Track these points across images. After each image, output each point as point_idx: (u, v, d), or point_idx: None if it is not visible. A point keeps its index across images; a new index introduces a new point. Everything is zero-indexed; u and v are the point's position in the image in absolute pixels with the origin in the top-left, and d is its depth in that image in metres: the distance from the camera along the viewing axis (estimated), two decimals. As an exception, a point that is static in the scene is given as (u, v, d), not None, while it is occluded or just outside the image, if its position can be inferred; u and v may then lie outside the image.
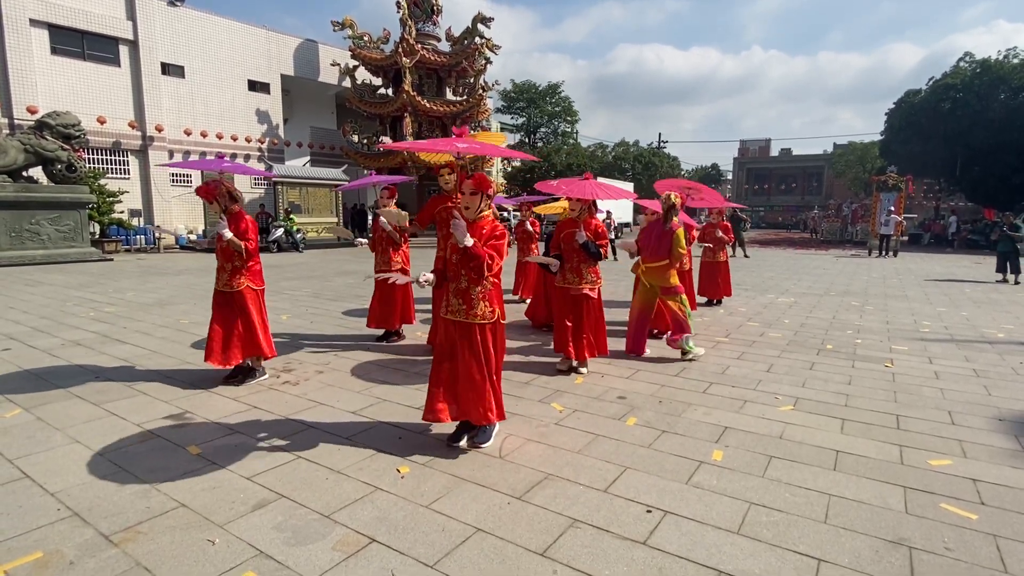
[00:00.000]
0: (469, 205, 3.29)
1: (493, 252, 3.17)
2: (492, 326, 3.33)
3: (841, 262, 17.26)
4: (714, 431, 3.65)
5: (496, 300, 3.34)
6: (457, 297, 3.29)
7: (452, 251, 3.26)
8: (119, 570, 2.19)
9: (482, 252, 3.11)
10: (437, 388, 3.33)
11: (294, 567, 2.22)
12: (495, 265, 3.18)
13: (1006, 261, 12.23)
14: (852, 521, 2.59)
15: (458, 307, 3.29)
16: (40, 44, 18.33)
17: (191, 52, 22.02)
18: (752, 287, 10.89)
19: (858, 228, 27.97)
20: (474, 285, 3.25)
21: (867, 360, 5.49)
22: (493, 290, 3.32)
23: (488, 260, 3.12)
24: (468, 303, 3.26)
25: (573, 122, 47.53)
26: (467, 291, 3.26)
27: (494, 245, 3.21)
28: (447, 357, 3.34)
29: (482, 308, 3.27)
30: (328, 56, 26.02)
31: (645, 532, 2.48)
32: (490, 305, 3.30)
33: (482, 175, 3.31)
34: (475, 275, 3.18)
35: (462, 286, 3.27)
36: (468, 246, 3.09)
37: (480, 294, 3.26)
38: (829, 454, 3.32)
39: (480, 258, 3.10)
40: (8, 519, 2.53)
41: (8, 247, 13.79)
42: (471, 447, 3.36)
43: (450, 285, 3.34)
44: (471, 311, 3.26)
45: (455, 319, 3.30)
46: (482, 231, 3.25)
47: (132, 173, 20.79)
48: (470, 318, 3.26)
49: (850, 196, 44.19)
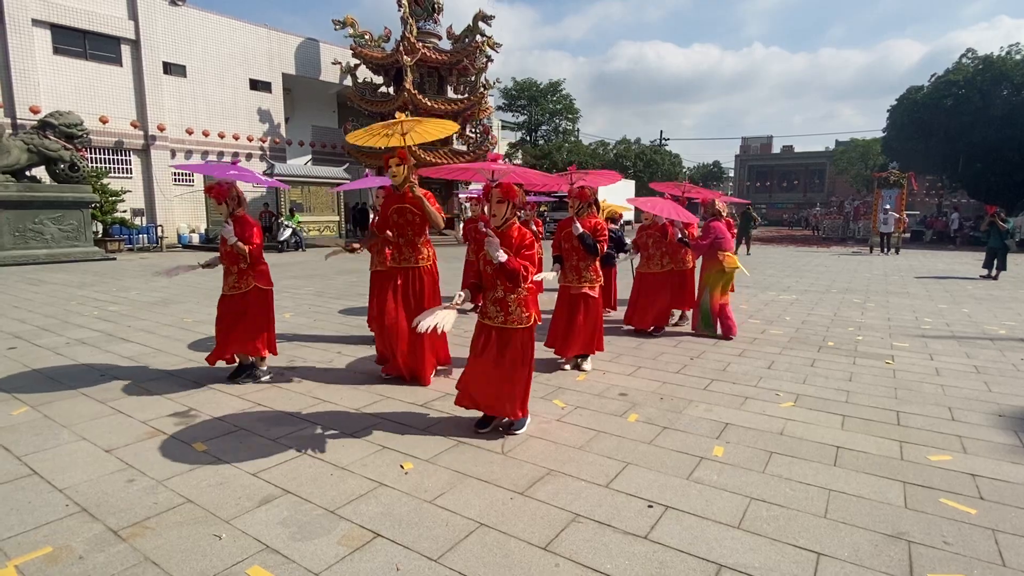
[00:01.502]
0: (496, 213, 3.38)
1: (527, 263, 3.27)
2: (530, 330, 3.45)
3: (843, 259, 17.26)
4: (715, 427, 3.68)
5: (532, 305, 3.46)
6: (495, 305, 3.42)
7: (485, 263, 3.36)
8: (127, 564, 2.22)
9: (517, 265, 3.21)
10: (470, 380, 3.53)
11: (300, 561, 2.25)
12: (530, 275, 3.28)
13: (993, 257, 12.21)
14: (852, 515, 2.61)
15: (496, 314, 3.42)
16: (43, 44, 18.37)
17: (193, 51, 22.04)
18: (753, 284, 10.90)
19: (860, 225, 27.94)
20: (510, 293, 3.37)
21: (868, 357, 5.51)
22: (528, 295, 3.42)
23: (523, 271, 3.23)
24: (505, 311, 3.40)
25: (574, 120, 47.50)
26: (504, 300, 3.40)
27: (527, 255, 3.31)
28: (482, 357, 3.48)
29: (519, 314, 3.40)
30: (329, 55, 26.02)
31: (646, 527, 2.51)
32: (527, 310, 3.42)
33: (509, 184, 3.38)
34: (511, 285, 3.30)
35: (498, 295, 3.40)
36: (503, 262, 3.18)
37: (516, 301, 3.39)
38: (830, 450, 3.34)
39: (516, 272, 3.20)
40: (18, 515, 2.56)
41: (12, 246, 13.85)
42: (507, 433, 3.51)
43: (487, 294, 3.47)
44: (509, 317, 3.40)
45: (493, 324, 3.44)
46: (512, 240, 3.33)
47: (134, 172, 20.83)
48: (508, 323, 3.40)
49: (852, 193, 44.15)
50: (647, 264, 6.49)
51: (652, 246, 6.42)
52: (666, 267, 6.46)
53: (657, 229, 6.36)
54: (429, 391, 4.38)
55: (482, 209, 5.56)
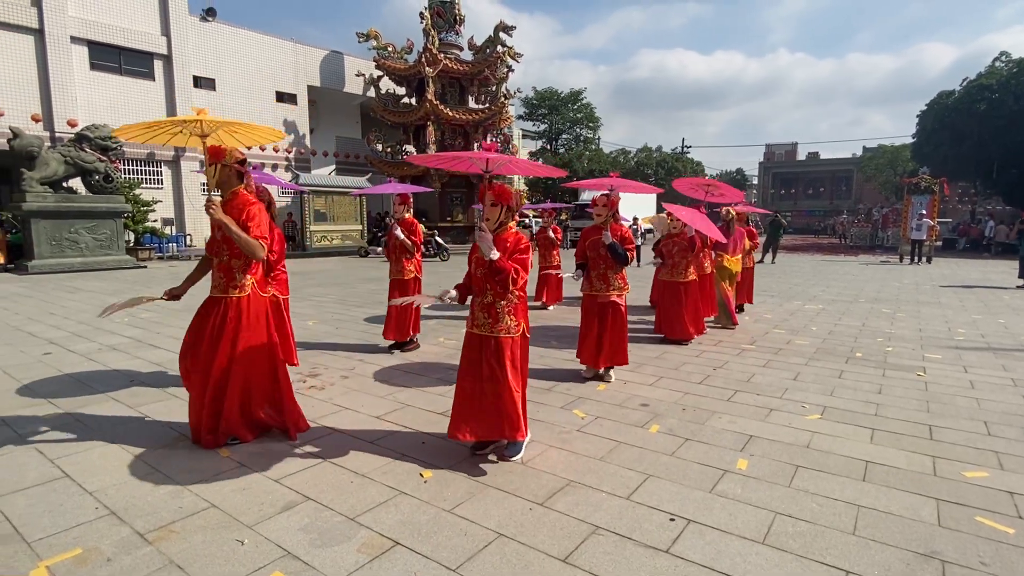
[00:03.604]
0: (489, 217, 3.28)
1: (518, 266, 3.15)
2: (516, 340, 3.29)
3: (871, 268, 16.88)
4: (739, 439, 3.61)
5: (521, 314, 3.32)
6: (483, 311, 3.28)
7: (477, 265, 3.25)
8: (153, 567, 2.26)
9: (507, 266, 3.09)
10: (460, 406, 3.29)
11: (320, 568, 2.26)
12: (520, 279, 3.16)
13: None
14: (882, 533, 2.53)
15: (484, 320, 3.27)
16: (80, 60, 19.08)
17: (222, 65, 22.67)
18: (778, 293, 10.72)
19: (889, 233, 27.27)
20: (499, 299, 3.23)
21: (898, 368, 5.36)
22: (519, 304, 3.30)
23: (513, 274, 3.10)
24: (494, 317, 3.24)
25: (595, 128, 47.49)
26: (492, 305, 3.25)
27: (519, 259, 3.18)
28: (471, 374, 3.29)
29: (507, 322, 3.24)
30: (353, 67, 26.51)
31: (668, 540, 2.47)
32: (515, 319, 3.27)
33: (502, 186, 3.29)
34: (500, 289, 3.18)
35: (487, 300, 3.26)
36: (493, 260, 3.08)
37: (505, 308, 3.24)
38: (858, 464, 3.25)
39: (505, 272, 3.08)
40: (50, 516, 2.63)
41: (49, 255, 14.32)
42: (500, 459, 3.32)
43: (475, 299, 3.33)
44: (496, 324, 3.24)
45: (480, 332, 3.29)
46: (506, 244, 3.21)
47: (165, 183, 21.44)
48: (495, 332, 3.24)
49: (880, 200, 43.21)
50: (671, 273, 6.44)
51: (677, 254, 6.37)
52: (690, 276, 6.42)
53: (684, 239, 6.30)
54: (449, 400, 4.37)
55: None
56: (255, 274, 3.56)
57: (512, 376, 3.24)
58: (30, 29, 17.92)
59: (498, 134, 25.61)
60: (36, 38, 18.07)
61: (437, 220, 24.51)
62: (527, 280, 3.26)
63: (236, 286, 3.45)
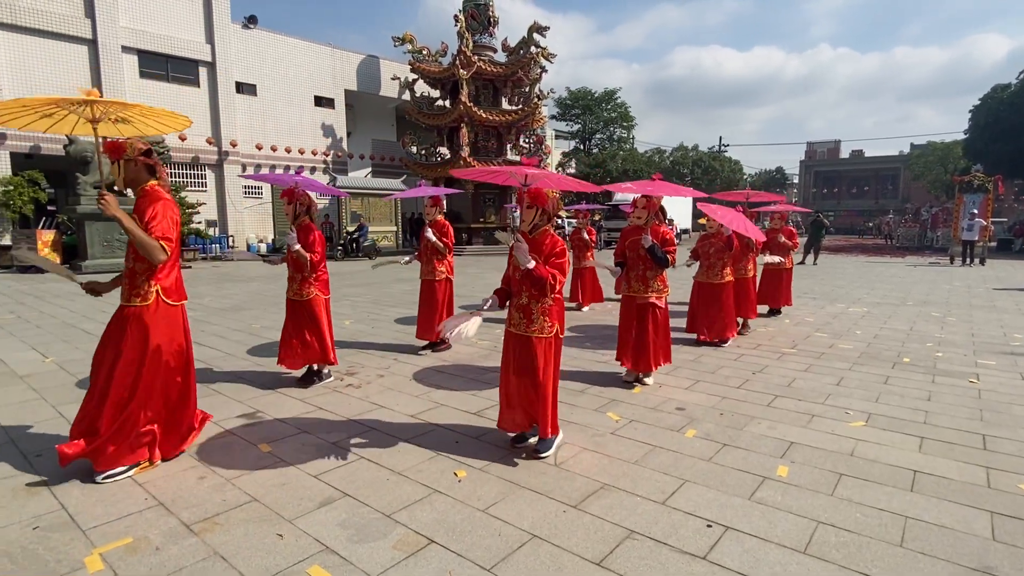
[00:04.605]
0: (525, 219, 3.34)
1: (556, 271, 3.20)
2: (548, 341, 3.33)
3: (919, 270, 16.22)
4: (779, 446, 3.52)
5: (555, 316, 3.36)
6: (518, 311, 3.36)
7: (515, 268, 3.31)
8: (199, 557, 2.34)
9: (545, 273, 3.15)
10: (504, 399, 3.47)
11: (357, 563, 2.30)
12: (558, 284, 3.21)
13: None
14: (932, 546, 2.43)
15: (519, 320, 3.36)
16: (131, 69, 19.92)
17: (263, 71, 23.34)
18: (820, 296, 10.40)
19: (939, 233, 26.15)
20: (535, 300, 3.30)
21: (949, 375, 5.13)
22: (554, 306, 3.34)
23: (551, 279, 3.16)
24: (528, 318, 3.32)
25: (629, 128, 46.97)
26: (528, 306, 3.32)
27: (556, 263, 3.22)
28: (509, 369, 3.41)
29: (541, 323, 3.30)
30: (389, 71, 26.94)
31: (705, 547, 2.42)
32: (550, 320, 3.32)
33: (538, 189, 3.31)
34: (537, 292, 3.24)
35: (523, 301, 3.33)
36: (530, 268, 3.13)
37: (540, 309, 3.30)
38: (906, 474, 3.13)
39: (543, 279, 3.14)
40: (103, 506, 2.76)
41: (100, 255, 15.00)
42: (530, 457, 3.36)
43: (512, 300, 3.42)
44: (531, 325, 3.31)
45: (516, 331, 3.38)
46: (542, 247, 3.26)
47: (209, 186, 22.18)
48: (530, 332, 3.31)
49: (930, 199, 41.51)
50: (707, 274, 6.32)
51: (714, 255, 6.25)
52: (726, 278, 6.28)
53: (721, 239, 6.17)
54: (482, 399, 4.41)
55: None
56: (162, 280, 3.16)
57: (543, 375, 3.30)
58: (84, 40, 18.80)
59: (531, 135, 25.60)
60: (90, 48, 18.94)
61: (470, 221, 24.67)
62: (563, 283, 3.28)
63: (139, 294, 3.13)
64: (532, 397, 3.32)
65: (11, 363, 5.49)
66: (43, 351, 6.00)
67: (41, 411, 4.14)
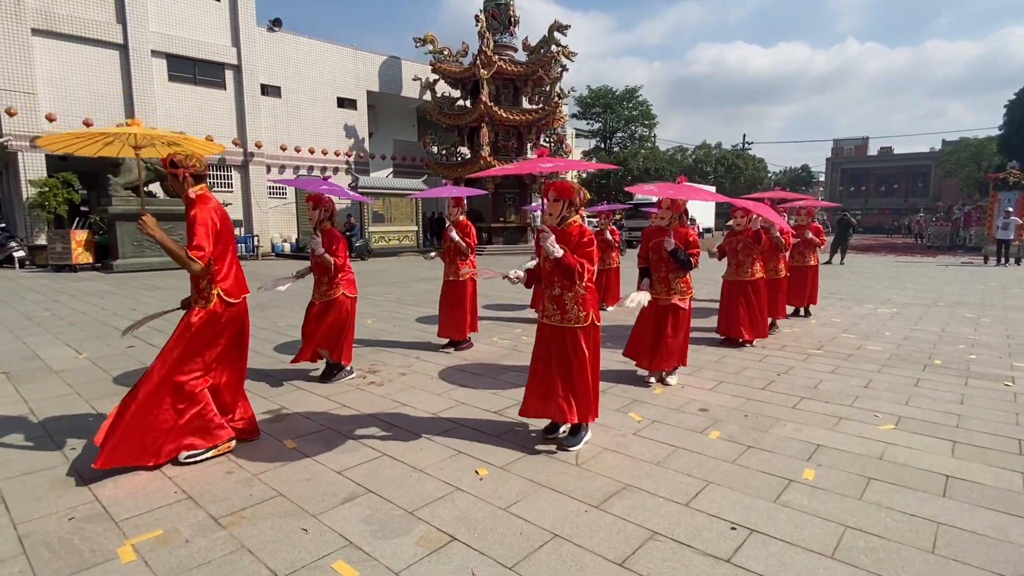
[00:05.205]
0: (552, 212, 3.38)
1: (584, 260, 3.24)
2: (586, 329, 3.40)
3: (951, 270, 15.78)
4: (805, 448, 3.45)
5: (590, 304, 3.41)
6: (552, 303, 3.44)
7: (545, 259, 3.35)
8: (227, 551, 2.39)
9: (573, 261, 3.19)
10: (531, 388, 3.54)
11: (380, 559, 2.33)
12: (587, 272, 3.25)
13: None
14: (964, 553, 2.36)
15: (553, 312, 3.43)
16: (160, 72, 20.38)
17: (287, 73, 23.69)
18: (848, 296, 10.19)
19: (972, 232, 25.39)
20: (566, 291, 3.36)
21: (983, 378, 4.98)
22: (587, 294, 3.39)
23: (579, 268, 3.20)
24: (562, 309, 3.40)
25: (651, 126, 46.55)
26: (560, 297, 3.39)
27: (584, 252, 3.27)
28: (542, 359, 3.49)
29: (575, 312, 3.37)
30: (410, 71, 27.12)
31: (729, 550, 2.39)
32: (583, 309, 3.38)
33: (563, 182, 3.36)
34: (567, 282, 3.29)
35: (555, 292, 3.41)
36: (558, 256, 3.17)
37: (573, 299, 3.37)
38: (937, 479, 3.05)
39: (572, 268, 3.18)
40: (135, 499, 2.83)
41: (131, 255, 15.40)
42: (559, 449, 3.43)
43: (545, 291, 3.48)
44: (565, 316, 3.39)
45: (550, 323, 3.45)
46: (570, 237, 3.31)
47: (234, 186, 22.59)
48: (564, 322, 3.39)
49: (962, 197, 40.31)
50: (736, 272, 6.22)
51: (742, 252, 6.14)
52: (756, 275, 6.17)
53: (749, 235, 6.03)
54: (503, 398, 4.42)
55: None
56: (222, 282, 3.30)
57: (582, 362, 3.39)
58: (116, 45, 19.29)
59: (551, 134, 25.55)
60: (121, 53, 19.43)
61: (490, 221, 24.72)
62: (594, 272, 3.32)
63: (203, 297, 3.30)
64: (569, 387, 3.38)
65: (46, 358, 5.68)
66: (76, 347, 6.18)
67: (76, 405, 4.27)
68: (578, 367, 3.39)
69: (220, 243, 3.27)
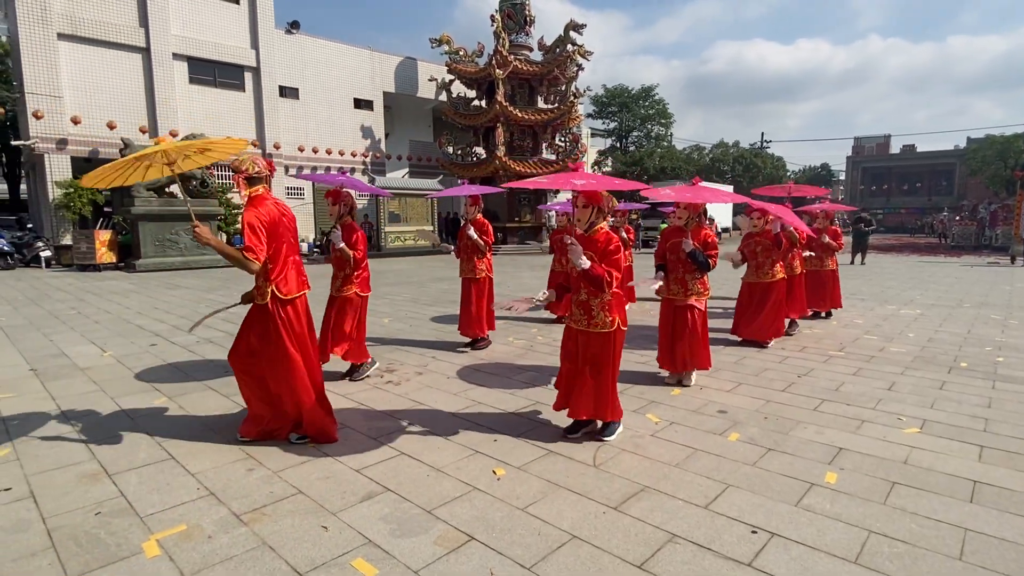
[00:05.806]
0: (581, 218, 3.41)
1: (611, 268, 3.25)
2: (611, 334, 3.43)
3: (976, 270, 15.43)
4: (827, 452, 3.40)
5: (616, 309, 3.44)
6: (578, 307, 3.48)
7: (572, 267, 3.36)
8: (248, 547, 2.42)
9: (600, 271, 3.21)
10: (561, 385, 3.67)
11: (400, 557, 2.34)
12: (615, 280, 3.27)
13: None
14: (993, 560, 2.31)
15: (580, 317, 3.48)
16: (181, 75, 20.72)
17: (305, 75, 23.94)
18: (870, 297, 10.01)
19: (998, 232, 24.79)
20: (593, 297, 3.39)
21: (1011, 381, 4.87)
22: (613, 300, 3.41)
23: (607, 277, 3.22)
24: (588, 314, 3.44)
25: (667, 124, 46.21)
26: (587, 303, 3.44)
27: (612, 260, 3.28)
28: (569, 359, 3.61)
29: (601, 318, 3.41)
30: (426, 72, 27.26)
31: (750, 553, 2.37)
32: (609, 315, 3.41)
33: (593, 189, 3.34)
34: (595, 289, 3.31)
35: (582, 298, 3.45)
36: (585, 268, 3.19)
37: (599, 305, 3.41)
38: (964, 484, 2.98)
39: (600, 278, 3.21)
40: (159, 494, 2.88)
41: (153, 254, 15.68)
42: (595, 440, 3.55)
43: (573, 296, 3.52)
44: (591, 321, 3.44)
45: (577, 327, 3.50)
46: (597, 244, 3.33)
47: (254, 187, 22.87)
48: (591, 327, 3.44)
49: (988, 196, 39.39)
50: (755, 273, 6.16)
51: (761, 254, 6.08)
52: (777, 276, 6.10)
53: (768, 237, 5.97)
54: (520, 398, 4.42)
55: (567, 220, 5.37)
56: (276, 280, 3.45)
57: (604, 367, 3.45)
58: (138, 48, 19.65)
59: (567, 133, 25.49)
60: (143, 56, 19.79)
61: (506, 220, 24.74)
62: (620, 277, 3.34)
63: (261, 294, 3.49)
64: (594, 389, 3.46)
65: (72, 356, 5.80)
66: (101, 345, 6.31)
67: (102, 402, 4.35)
68: (601, 371, 3.45)
69: (273, 242, 3.37)
